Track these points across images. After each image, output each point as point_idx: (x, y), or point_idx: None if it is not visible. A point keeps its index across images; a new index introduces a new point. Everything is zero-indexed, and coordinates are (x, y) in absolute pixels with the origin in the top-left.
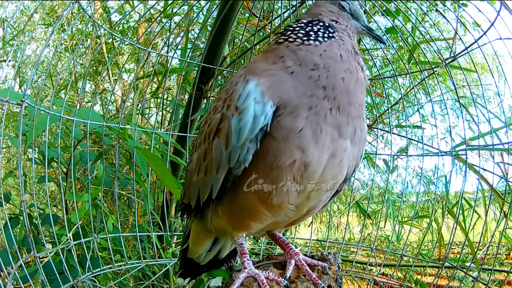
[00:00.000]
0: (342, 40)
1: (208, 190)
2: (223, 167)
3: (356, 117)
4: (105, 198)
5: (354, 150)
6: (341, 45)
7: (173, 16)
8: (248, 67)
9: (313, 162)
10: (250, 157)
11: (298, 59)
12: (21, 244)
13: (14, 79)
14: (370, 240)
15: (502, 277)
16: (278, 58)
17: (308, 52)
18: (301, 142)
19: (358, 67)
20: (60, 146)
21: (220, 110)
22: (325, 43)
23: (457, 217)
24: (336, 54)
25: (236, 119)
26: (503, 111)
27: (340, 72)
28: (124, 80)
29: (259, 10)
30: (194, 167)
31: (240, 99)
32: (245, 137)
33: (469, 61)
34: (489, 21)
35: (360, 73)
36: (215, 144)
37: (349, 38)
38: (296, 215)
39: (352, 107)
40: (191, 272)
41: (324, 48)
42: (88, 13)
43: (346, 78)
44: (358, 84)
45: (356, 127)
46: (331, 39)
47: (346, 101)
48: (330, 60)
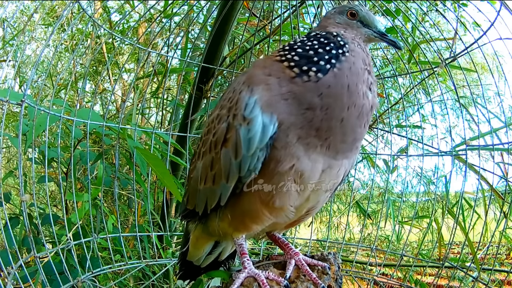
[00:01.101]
0: (353, 57)
1: (217, 198)
2: (233, 176)
3: (348, 151)
4: (105, 198)
5: (350, 161)
6: (352, 67)
7: (173, 16)
8: (250, 74)
9: (306, 170)
10: (260, 165)
11: (293, 93)
12: (21, 244)
13: (14, 79)
14: (370, 240)
15: (502, 277)
16: (275, 78)
17: (306, 90)
18: (296, 151)
19: (367, 93)
20: (60, 146)
21: (226, 119)
22: (332, 72)
23: (457, 217)
24: (343, 86)
25: (245, 130)
26: (503, 111)
27: (340, 113)
28: (124, 80)
29: (259, 10)
30: (200, 175)
31: (247, 109)
32: (256, 146)
33: (469, 61)
34: (489, 21)
35: (367, 103)
36: (223, 154)
37: (361, 50)
38: (295, 216)
39: (344, 145)
40: (190, 274)
41: (328, 83)
42: (88, 13)
43: (346, 118)
44: (360, 119)
45: (347, 155)
46: (341, 62)
47: (338, 141)
48: (332, 99)
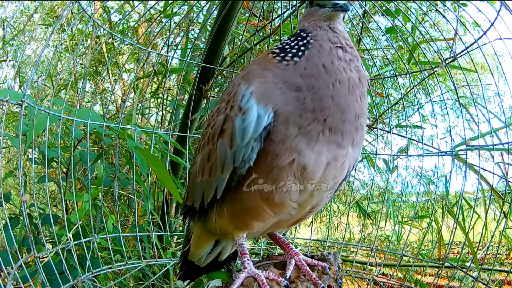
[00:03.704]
0: (317, 41)
1: (213, 190)
2: (228, 167)
3: (353, 130)
4: (105, 198)
5: (355, 153)
6: (320, 49)
7: (173, 16)
8: (248, 70)
9: (310, 164)
10: (254, 156)
11: (281, 77)
12: (21, 244)
13: (14, 79)
14: (370, 240)
15: (502, 277)
16: (269, 71)
17: (288, 72)
18: (297, 145)
19: (350, 67)
20: (60, 146)
21: (224, 111)
22: (303, 57)
23: (457, 217)
24: (317, 66)
25: (240, 119)
26: (503, 111)
27: (326, 90)
28: (124, 80)
29: (259, 10)
30: (198, 168)
31: (243, 100)
32: (250, 136)
33: (469, 61)
34: (489, 21)
35: (353, 76)
36: (219, 145)
37: (325, 32)
38: (299, 213)
39: (347, 124)
40: (190, 274)
41: (303, 65)
42: (88, 13)
43: (335, 95)
44: (352, 93)
45: (354, 138)
46: (308, 49)
47: (339, 120)
48: (313, 79)
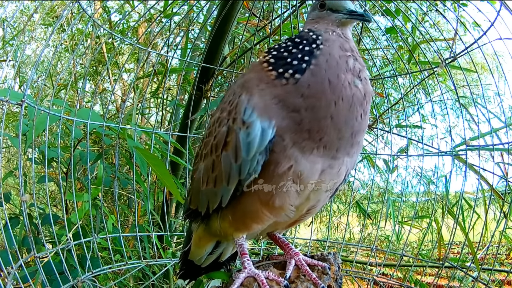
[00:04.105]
0: (328, 47)
1: (218, 200)
2: (234, 179)
3: (348, 147)
4: (105, 198)
5: (352, 159)
6: (329, 59)
7: (173, 16)
8: (246, 77)
9: (305, 171)
10: (259, 168)
11: (277, 96)
12: (21, 244)
13: (14, 79)
14: (370, 240)
15: (502, 277)
16: (265, 83)
17: (285, 92)
18: (293, 154)
19: (354, 82)
20: (60, 146)
21: (226, 122)
22: (308, 70)
23: (457, 217)
24: (323, 83)
25: (244, 133)
26: (503, 111)
27: (327, 109)
28: (124, 80)
29: (259, 10)
30: (202, 177)
31: (246, 113)
32: (255, 150)
33: (469, 61)
34: (489, 21)
35: (357, 92)
36: (224, 157)
37: (337, 37)
38: (296, 215)
39: (342, 141)
40: (191, 274)
41: (307, 82)
42: (88, 13)
43: (335, 114)
44: (353, 111)
45: (349, 152)
46: (316, 57)
47: (334, 138)
48: (315, 99)
